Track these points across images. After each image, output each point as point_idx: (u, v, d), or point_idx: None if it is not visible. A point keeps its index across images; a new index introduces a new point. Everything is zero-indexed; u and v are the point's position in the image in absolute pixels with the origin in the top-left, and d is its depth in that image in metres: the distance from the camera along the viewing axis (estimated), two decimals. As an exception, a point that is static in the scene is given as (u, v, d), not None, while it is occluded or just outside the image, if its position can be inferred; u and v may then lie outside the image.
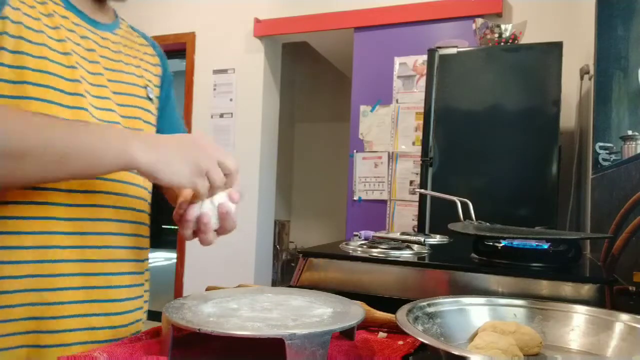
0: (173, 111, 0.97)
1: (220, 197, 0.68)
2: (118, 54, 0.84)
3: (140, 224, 0.83)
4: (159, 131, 0.91)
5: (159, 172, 0.62)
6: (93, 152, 0.61)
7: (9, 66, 0.66)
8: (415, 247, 1.06)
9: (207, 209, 0.67)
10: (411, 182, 2.89)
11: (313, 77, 5.03)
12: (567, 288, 0.77)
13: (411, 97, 2.90)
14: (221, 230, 0.70)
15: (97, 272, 0.73)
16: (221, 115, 3.53)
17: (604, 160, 1.78)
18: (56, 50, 0.71)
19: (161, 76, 0.95)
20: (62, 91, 0.70)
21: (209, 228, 0.67)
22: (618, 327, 0.62)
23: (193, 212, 0.66)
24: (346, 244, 1.06)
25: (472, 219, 1.13)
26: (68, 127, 0.62)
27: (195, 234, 0.69)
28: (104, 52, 0.81)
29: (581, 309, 0.66)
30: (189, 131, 3.28)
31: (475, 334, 0.61)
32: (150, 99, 0.88)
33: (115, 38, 0.85)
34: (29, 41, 0.68)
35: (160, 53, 0.97)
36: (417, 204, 2.27)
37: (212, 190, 0.66)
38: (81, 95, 0.72)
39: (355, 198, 3.03)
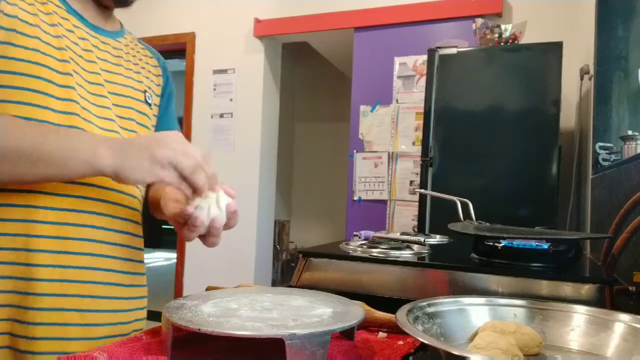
0: (171, 122, 0.97)
1: (224, 198, 0.67)
2: (118, 58, 0.85)
3: (128, 221, 0.81)
4: None
5: (120, 173, 0.64)
6: (61, 160, 0.63)
7: None
8: (415, 247, 1.06)
9: (216, 213, 0.66)
10: (411, 182, 2.89)
11: (313, 77, 5.03)
12: (567, 288, 0.77)
13: (411, 97, 2.90)
14: (225, 228, 0.70)
15: (75, 265, 0.72)
16: (221, 115, 3.53)
17: (604, 160, 1.78)
18: (50, 44, 0.71)
19: (162, 87, 0.96)
20: (52, 82, 0.71)
21: (221, 231, 0.67)
22: (618, 327, 0.62)
23: (202, 217, 0.65)
24: (346, 244, 1.06)
25: (472, 219, 1.13)
26: (40, 134, 0.64)
27: (200, 236, 0.69)
28: (103, 55, 0.82)
29: (581, 309, 0.66)
30: (189, 132, 3.26)
31: (475, 334, 0.61)
32: (148, 104, 0.88)
33: (117, 45, 0.86)
34: (22, 33, 0.69)
35: (163, 66, 0.98)
36: (417, 204, 2.27)
37: (190, 182, 0.64)
38: (72, 87, 0.73)
39: (355, 198, 3.03)
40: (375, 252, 0.97)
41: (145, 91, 0.88)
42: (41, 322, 0.68)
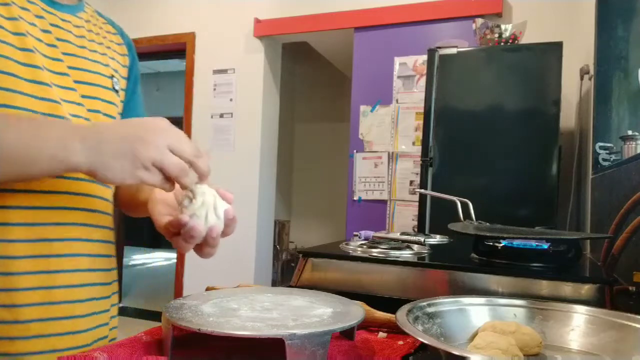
0: (138, 108, 0.87)
1: (221, 204, 0.60)
2: (81, 39, 0.74)
3: (106, 228, 0.75)
4: None
5: (98, 172, 0.55)
6: (26, 152, 0.54)
7: None
8: (415, 247, 1.06)
9: (213, 221, 0.59)
10: (411, 182, 2.89)
11: (313, 77, 5.03)
12: (567, 288, 0.77)
13: (411, 97, 2.90)
14: (222, 236, 0.62)
15: (59, 284, 0.66)
16: (221, 115, 3.53)
17: (604, 160, 1.78)
18: (6, 29, 0.61)
19: (129, 67, 0.85)
20: (17, 77, 0.62)
21: (218, 241, 0.60)
22: (618, 327, 0.62)
23: (200, 226, 0.57)
24: (346, 244, 1.06)
25: (472, 219, 1.13)
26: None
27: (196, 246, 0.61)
28: (64, 34, 0.71)
29: (581, 309, 0.66)
30: (189, 132, 3.24)
31: (475, 334, 0.61)
32: (116, 91, 0.79)
33: (78, 21, 0.75)
34: None
35: (128, 43, 0.87)
36: (417, 204, 2.27)
37: (180, 179, 0.57)
38: (46, 84, 0.64)
39: (355, 198, 3.03)
40: (375, 252, 0.97)
41: (112, 76, 0.78)
42: (30, 352, 0.62)
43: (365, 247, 1.01)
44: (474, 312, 0.67)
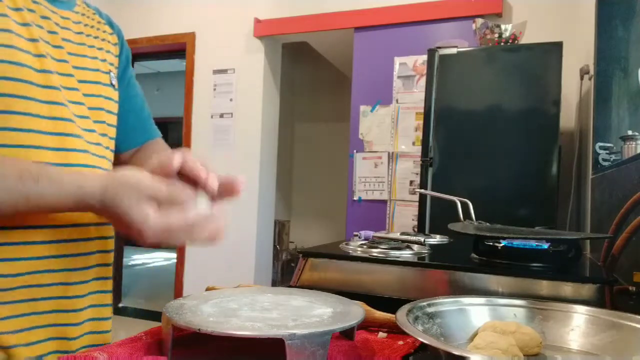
0: (132, 88, 0.88)
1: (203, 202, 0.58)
2: (80, 35, 0.75)
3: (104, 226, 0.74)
4: (120, 114, 0.82)
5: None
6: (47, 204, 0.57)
7: None
8: (415, 247, 1.06)
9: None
10: (411, 182, 2.89)
11: (313, 77, 5.03)
12: (567, 288, 0.77)
13: (411, 97, 2.90)
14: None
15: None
16: (221, 115, 3.53)
17: (604, 160, 1.78)
18: (22, 37, 0.63)
19: (119, 56, 0.86)
20: (32, 84, 0.63)
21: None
22: (618, 327, 0.62)
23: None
24: (346, 244, 1.06)
25: (472, 219, 1.13)
26: (20, 181, 0.55)
27: None
28: (66, 34, 0.72)
29: (581, 309, 0.66)
30: (189, 132, 3.21)
31: (475, 334, 0.61)
32: (112, 86, 0.80)
33: (76, 17, 0.76)
34: None
35: (118, 31, 0.87)
36: (417, 204, 2.27)
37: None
38: (55, 88, 0.66)
39: (355, 198, 3.03)
40: (375, 252, 0.97)
41: (109, 71, 0.79)
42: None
43: (365, 247, 1.01)
44: (474, 312, 0.67)
